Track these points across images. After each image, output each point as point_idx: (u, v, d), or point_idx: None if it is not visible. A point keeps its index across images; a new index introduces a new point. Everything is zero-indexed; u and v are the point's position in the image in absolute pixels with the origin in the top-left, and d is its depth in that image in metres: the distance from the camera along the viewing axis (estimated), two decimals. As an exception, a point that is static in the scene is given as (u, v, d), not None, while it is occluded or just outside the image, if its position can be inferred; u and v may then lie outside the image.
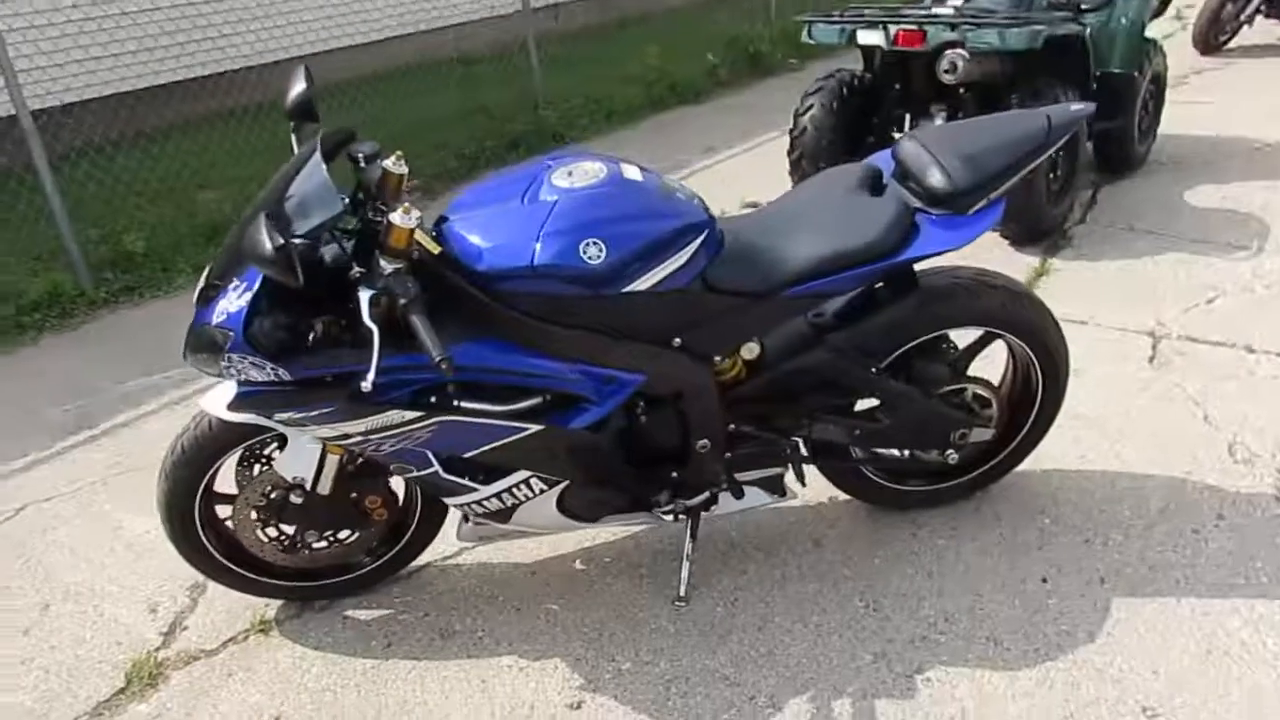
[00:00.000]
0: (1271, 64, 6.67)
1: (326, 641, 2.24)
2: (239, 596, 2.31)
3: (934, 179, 2.03)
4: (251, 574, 2.25)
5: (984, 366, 2.35)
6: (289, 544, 2.19)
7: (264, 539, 2.18)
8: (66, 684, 2.19)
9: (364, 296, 1.64)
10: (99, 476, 3.03)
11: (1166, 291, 3.53)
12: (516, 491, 2.05)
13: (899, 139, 2.19)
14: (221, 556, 2.20)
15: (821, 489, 2.46)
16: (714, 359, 2.02)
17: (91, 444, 3.24)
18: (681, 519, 2.22)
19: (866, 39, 4.07)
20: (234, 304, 1.77)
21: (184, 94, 6.92)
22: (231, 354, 1.77)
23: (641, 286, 1.85)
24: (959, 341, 2.29)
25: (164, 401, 3.43)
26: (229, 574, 2.23)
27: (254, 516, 2.15)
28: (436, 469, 1.99)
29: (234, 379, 1.85)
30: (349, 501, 2.16)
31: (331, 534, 2.21)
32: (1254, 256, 3.73)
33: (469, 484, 2.03)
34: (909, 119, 4.24)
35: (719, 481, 2.18)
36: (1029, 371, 2.33)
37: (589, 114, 6.89)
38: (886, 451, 2.33)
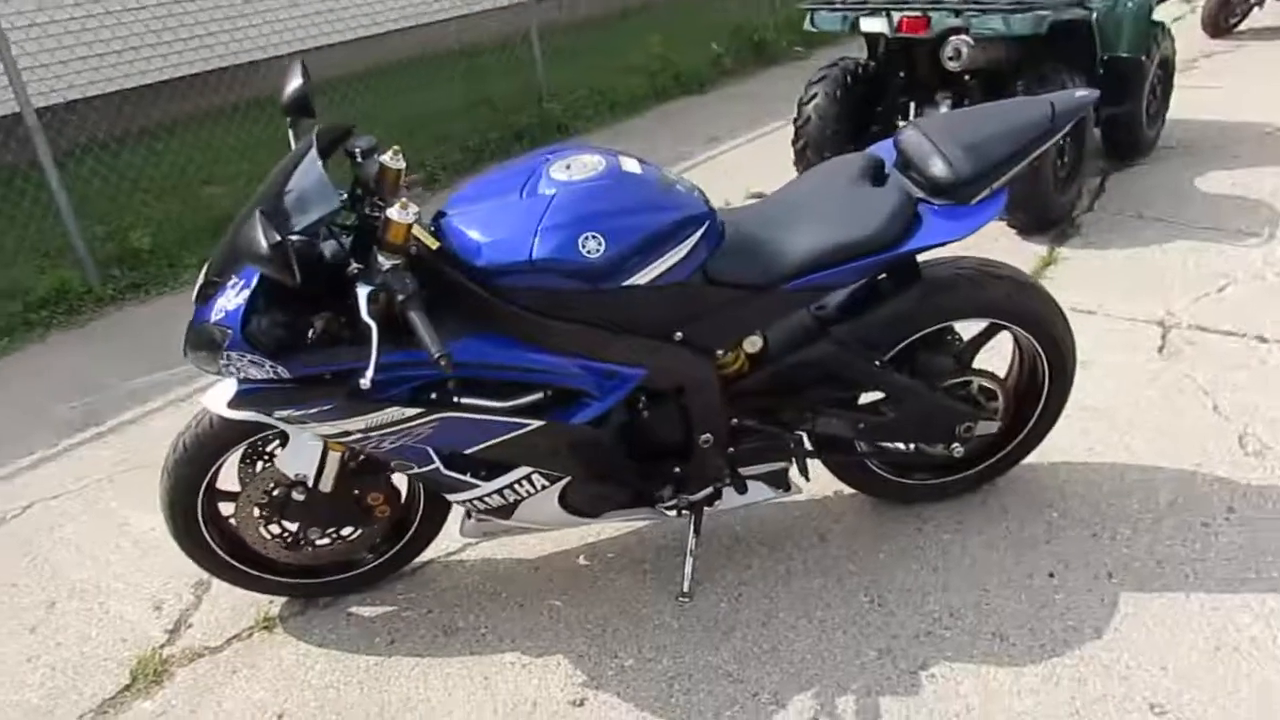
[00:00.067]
0: (1283, 47, 6.59)
1: (330, 638, 2.24)
2: (243, 594, 2.32)
3: (936, 168, 2.00)
4: (255, 571, 2.25)
5: (990, 358, 2.33)
6: (292, 541, 2.19)
7: (267, 536, 2.18)
8: (72, 681, 2.20)
9: (362, 293, 1.63)
10: (105, 473, 3.03)
11: (1176, 280, 3.49)
12: (518, 488, 2.05)
13: (901, 128, 2.17)
14: (225, 554, 2.20)
15: (826, 483, 2.45)
16: (716, 353, 2.01)
17: (98, 441, 3.25)
18: (685, 514, 2.21)
19: (870, 26, 4.03)
20: (232, 302, 1.77)
21: (188, 89, 6.92)
22: (230, 352, 1.77)
23: (641, 280, 1.83)
24: (964, 333, 2.27)
25: (170, 398, 3.44)
26: (232, 571, 2.23)
27: (257, 513, 2.15)
28: (437, 466, 1.98)
29: (233, 377, 1.84)
30: (351, 498, 2.16)
31: (334, 531, 2.21)
32: (1265, 243, 3.68)
33: (470, 480, 2.02)
34: (914, 107, 4.21)
35: (722, 476, 2.16)
36: (1035, 363, 2.31)
37: (593, 105, 6.87)
38: (891, 445, 2.32)
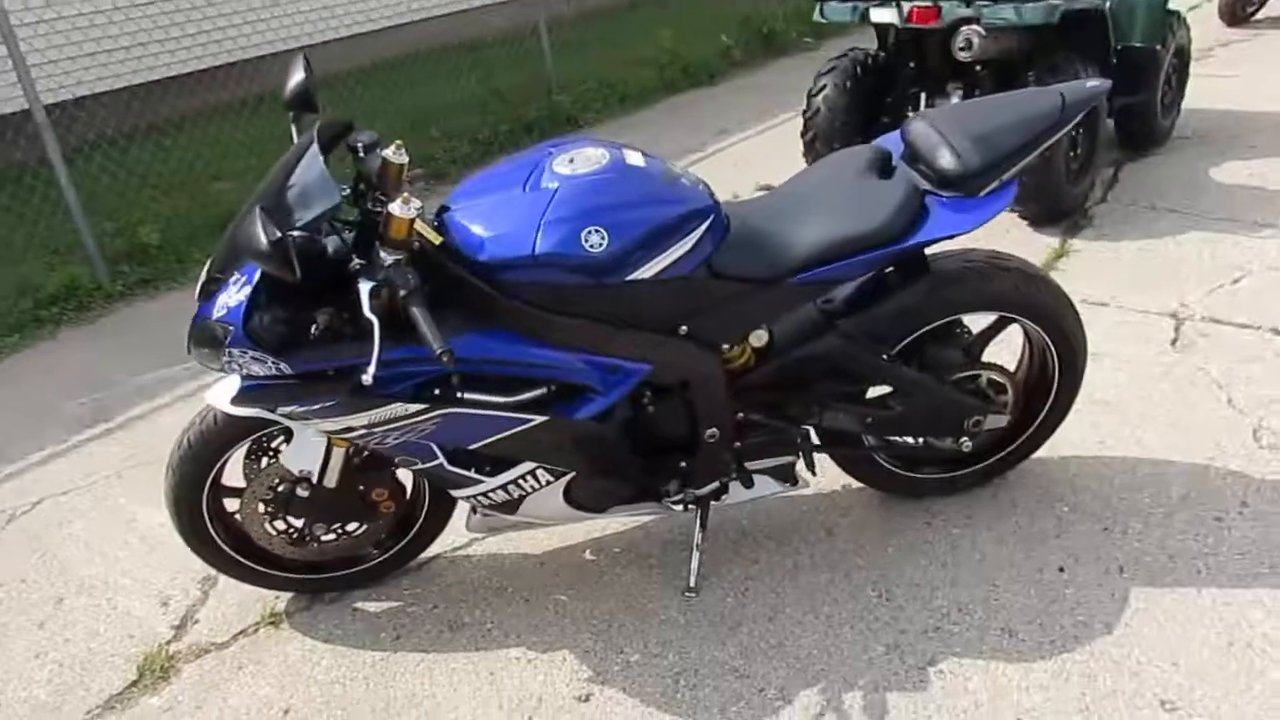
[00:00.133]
0: (1301, 35, 6.50)
1: (336, 634, 2.24)
2: (249, 589, 2.32)
3: (944, 160, 1.98)
4: (260, 567, 2.25)
5: (999, 351, 2.30)
6: (297, 537, 2.19)
7: (272, 532, 2.18)
8: (80, 677, 2.21)
9: (364, 288, 1.63)
10: (114, 470, 3.04)
11: (1190, 272, 3.44)
12: (523, 483, 2.04)
13: (908, 119, 2.14)
14: (230, 549, 2.20)
15: (834, 477, 2.43)
16: (721, 347, 1.99)
17: (107, 437, 3.26)
18: (691, 509, 2.20)
19: (880, 16, 3.99)
20: (234, 298, 1.76)
21: (196, 85, 6.93)
22: (232, 349, 1.76)
23: (645, 274, 1.82)
24: (973, 326, 2.25)
25: (178, 394, 3.45)
26: (238, 567, 2.23)
27: (262, 509, 2.15)
28: (441, 461, 1.97)
29: (237, 373, 1.84)
30: (356, 494, 2.15)
31: (339, 526, 2.21)
32: (1281, 234, 3.63)
33: (475, 476, 2.01)
34: (924, 98, 4.16)
35: (728, 471, 2.15)
36: (1045, 356, 2.28)
37: (602, 97, 6.85)
38: (899, 439, 2.29)
